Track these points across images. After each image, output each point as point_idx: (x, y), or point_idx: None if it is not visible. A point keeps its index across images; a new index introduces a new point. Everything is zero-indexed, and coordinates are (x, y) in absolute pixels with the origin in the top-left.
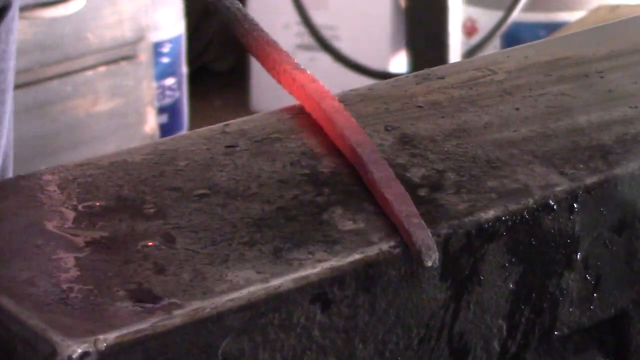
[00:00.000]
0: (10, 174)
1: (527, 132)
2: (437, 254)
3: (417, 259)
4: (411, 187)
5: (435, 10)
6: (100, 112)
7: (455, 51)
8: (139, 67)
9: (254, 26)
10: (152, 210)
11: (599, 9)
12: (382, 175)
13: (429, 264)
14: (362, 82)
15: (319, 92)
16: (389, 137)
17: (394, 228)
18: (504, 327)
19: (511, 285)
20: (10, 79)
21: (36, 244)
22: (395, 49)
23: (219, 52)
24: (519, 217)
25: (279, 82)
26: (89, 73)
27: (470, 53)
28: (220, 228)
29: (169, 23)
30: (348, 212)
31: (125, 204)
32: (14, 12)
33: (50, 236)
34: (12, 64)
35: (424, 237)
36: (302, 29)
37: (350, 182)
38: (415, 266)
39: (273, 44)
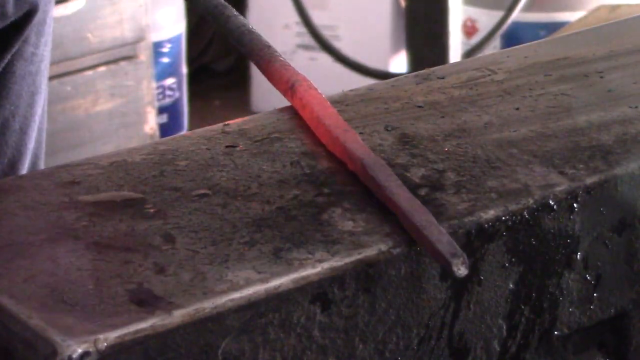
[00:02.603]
0: None
1: (527, 132)
2: (464, 257)
3: (449, 270)
4: (411, 187)
5: (435, 10)
6: (100, 112)
7: (455, 51)
8: (139, 67)
9: (265, 47)
10: (152, 210)
11: (599, 9)
12: (397, 191)
13: (462, 272)
14: (362, 82)
15: (325, 113)
16: (389, 137)
17: (394, 228)
18: (504, 327)
19: (511, 285)
20: (41, 82)
21: (36, 243)
22: (395, 49)
23: (219, 52)
24: (519, 217)
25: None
26: (89, 73)
27: (470, 53)
28: (220, 228)
29: (169, 23)
30: (348, 212)
31: (125, 204)
32: (44, 15)
33: (50, 236)
34: (43, 67)
35: (449, 246)
36: (302, 29)
37: (350, 182)
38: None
39: (284, 63)
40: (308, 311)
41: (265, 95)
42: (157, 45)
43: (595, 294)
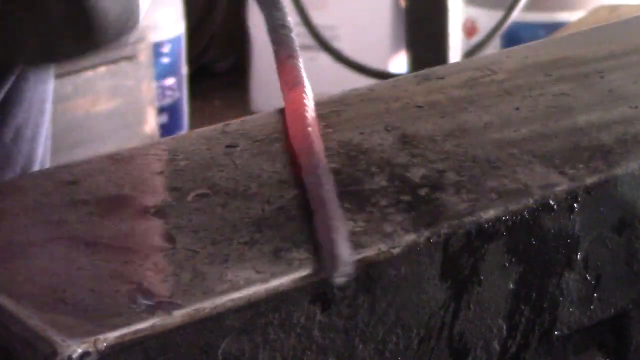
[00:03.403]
0: None
1: (527, 132)
2: (350, 268)
3: (328, 273)
4: (411, 187)
5: (435, 10)
6: (100, 112)
7: (455, 51)
8: (139, 67)
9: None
10: (152, 210)
11: (599, 9)
12: (329, 194)
13: (338, 281)
14: (362, 82)
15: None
16: (389, 137)
17: (394, 228)
18: (504, 327)
19: (511, 285)
20: (49, 88)
21: (36, 243)
22: (395, 49)
23: (219, 52)
24: (519, 217)
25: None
26: (89, 73)
27: (470, 53)
28: (220, 228)
29: (169, 23)
30: (348, 212)
31: (125, 204)
32: None
33: (50, 236)
34: (51, 73)
35: (338, 250)
36: (302, 29)
37: (350, 182)
38: (414, 267)
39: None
40: (308, 311)
41: (265, 95)
42: (157, 45)
43: (595, 294)
